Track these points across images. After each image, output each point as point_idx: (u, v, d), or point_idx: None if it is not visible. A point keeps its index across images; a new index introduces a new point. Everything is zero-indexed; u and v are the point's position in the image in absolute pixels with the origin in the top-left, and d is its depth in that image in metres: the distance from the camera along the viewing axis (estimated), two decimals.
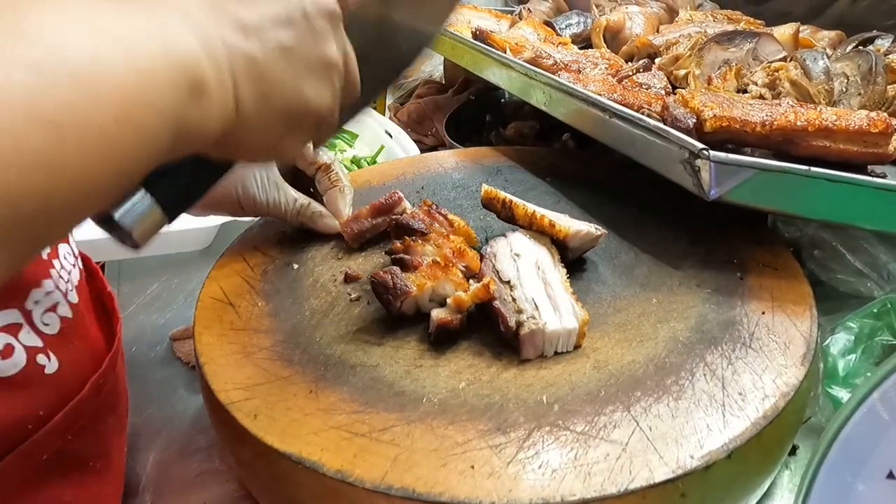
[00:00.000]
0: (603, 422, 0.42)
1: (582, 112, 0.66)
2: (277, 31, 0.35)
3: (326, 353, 0.51)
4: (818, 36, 0.89)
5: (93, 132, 0.25)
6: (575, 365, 0.48)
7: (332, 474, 0.40)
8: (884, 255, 0.62)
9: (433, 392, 0.46)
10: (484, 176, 0.76)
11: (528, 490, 0.38)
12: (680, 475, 0.39)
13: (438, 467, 0.40)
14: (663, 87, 0.75)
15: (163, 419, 0.63)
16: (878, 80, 0.66)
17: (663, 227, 0.64)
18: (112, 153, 0.26)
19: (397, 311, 0.52)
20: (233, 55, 0.32)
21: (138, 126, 0.27)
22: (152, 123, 0.27)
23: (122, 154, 0.27)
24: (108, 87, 0.26)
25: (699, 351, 0.48)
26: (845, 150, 0.57)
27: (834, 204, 0.51)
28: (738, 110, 0.58)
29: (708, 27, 0.90)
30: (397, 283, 0.51)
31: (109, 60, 0.26)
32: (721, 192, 0.51)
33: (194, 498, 0.55)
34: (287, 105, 0.36)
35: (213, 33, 0.32)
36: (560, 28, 0.98)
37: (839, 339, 0.55)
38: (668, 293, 0.54)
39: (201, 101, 0.30)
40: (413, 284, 0.51)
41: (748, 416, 0.42)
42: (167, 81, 0.28)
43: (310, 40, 0.36)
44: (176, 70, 0.29)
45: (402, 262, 0.54)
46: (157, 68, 0.28)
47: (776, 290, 0.54)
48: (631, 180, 0.71)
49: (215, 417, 0.49)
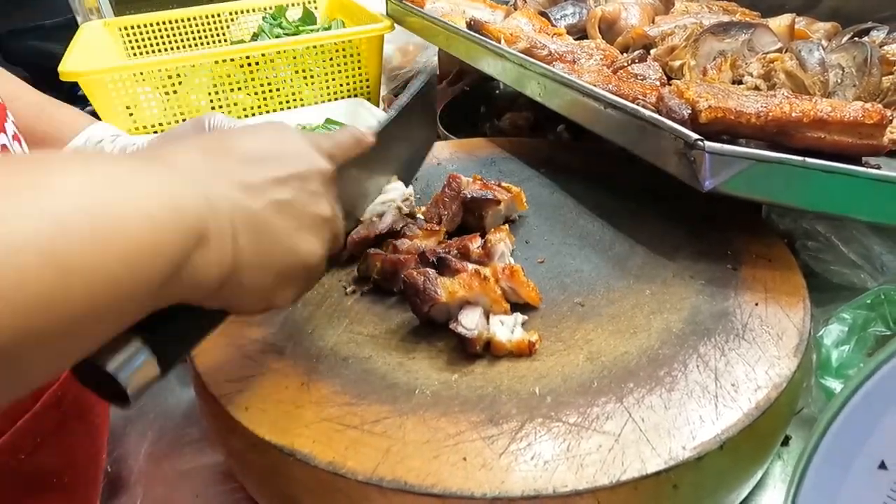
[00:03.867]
0: (595, 413, 0.42)
1: (577, 103, 0.66)
2: (276, 191, 0.38)
3: (319, 345, 0.50)
4: (814, 27, 0.89)
5: (100, 276, 0.27)
6: (568, 356, 0.47)
7: (324, 466, 0.40)
8: (877, 246, 0.62)
9: (426, 384, 0.46)
10: (478, 167, 0.76)
11: (521, 481, 0.38)
12: (672, 466, 0.39)
13: (430, 459, 0.40)
14: (658, 78, 0.75)
15: (155, 412, 0.63)
16: (873, 71, 0.66)
17: (658, 218, 0.63)
18: (117, 295, 0.28)
19: (425, 315, 0.49)
20: (234, 209, 0.36)
21: (145, 270, 0.29)
22: (157, 268, 0.30)
23: (126, 296, 0.29)
24: (120, 236, 0.28)
25: (692, 342, 0.48)
26: (840, 142, 0.57)
27: (828, 195, 0.51)
28: (733, 101, 0.57)
29: (703, 18, 0.89)
30: (427, 286, 0.48)
31: (125, 214, 0.28)
32: (716, 182, 0.51)
33: (186, 490, 0.55)
34: (281, 257, 0.39)
35: (217, 193, 0.35)
36: (555, 18, 0.98)
37: (832, 330, 0.55)
38: (662, 285, 0.54)
39: (203, 250, 0.33)
40: (444, 291, 0.49)
41: (741, 407, 0.42)
42: (174, 230, 0.31)
43: (305, 199, 0.40)
44: (182, 220, 0.31)
45: (443, 263, 0.51)
46: (167, 218, 0.30)
47: (770, 282, 0.54)
48: (625, 171, 0.71)
49: (207, 410, 0.49)
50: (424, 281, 0.49)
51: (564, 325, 0.51)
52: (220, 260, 0.34)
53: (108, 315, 0.28)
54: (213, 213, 0.34)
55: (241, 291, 0.37)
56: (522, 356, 0.47)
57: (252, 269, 0.37)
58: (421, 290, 0.49)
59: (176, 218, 0.31)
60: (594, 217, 0.65)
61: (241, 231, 0.36)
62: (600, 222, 0.64)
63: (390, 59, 1.27)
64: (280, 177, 0.39)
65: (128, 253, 0.28)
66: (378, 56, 1.13)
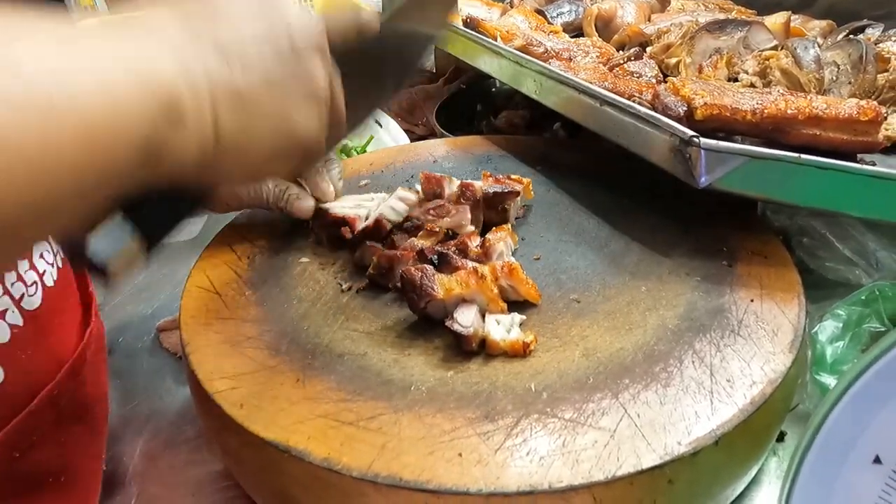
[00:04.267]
0: (591, 409, 0.42)
1: (573, 100, 0.66)
2: (260, 56, 0.34)
3: (314, 341, 0.50)
4: (809, 25, 0.89)
5: (52, 158, 0.25)
6: (563, 353, 0.47)
7: (319, 462, 0.40)
8: (872, 242, 0.62)
9: (421, 380, 0.46)
10: (474, 165, 0.76)
11: (516, 477, 0.38)
12: (667, 461, 0.39)
13: (426, 455, 0.40)
14: (654, 76, 0.75)
15: (150, 410, 0.62)
16: (868, 68, 0.66)
17: (653, 215, 0.63)
18: (73, 178, 0.26)
19: (421, 311, 0.49)
20: (213, 82, 0.31)
21: (104, 153, 0.26)
22: (121, 150, 0.27)
23: (84, 179, 0.26)
24: (74, 117, 0.25)
25: (688, 338, 0.48)
26: (835, 139, 0.57)
27: (824, 191, 0.51)
28: (728, 98, 0.57)
29: (699, 16, 0.90)
30: (424, 282, 0.48)
31: (79, 92, 0.26)
32: (711, 179, 0.51)
33: (182, 489, 0.55)
34: (271, 133, 0.35)
35: (192, 58, 0.31)
36: (551, 16, 0.98)
37: (827, 326, 0.55)
38: (658, 281, 0.54)
39: (178, 129, 0.29)
40: (441, 288, 0.48)
41: (736, 402, 0.42)
42: (138, 110, 0.27)
43: (295, 68, 0.35)
44: (149, 98, 0.28)
45: (443, 259, 0.51)
46: (129, 97, 0.27)
47: (765, 278, 0.54)
48: (621, 168, 0.71)
49: (202, 407, 0.49)
50: (422, 277, 0.49)
51: (560, 321, 0.51)
52: (198, 139, 0.31)
53: (70, 196, 0.26)
54: (187, 87, 0.30)
55: (227, 168, 0.34)
56: (517, 356, 0.47)
57: (237, 146, 0.33)
58: (418, 286, 0.48)
59: (139, 97, 0.28)
60: (590, 214, 0.65)
61: (223, 107, 0.32)
62: (596, 219, 0.64)
63: None
64: (261, 35, 0.34)
65: (81, 135, 0.25)
66: None
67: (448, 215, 0.59)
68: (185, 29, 0.32)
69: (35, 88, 0.24)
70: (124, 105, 0.27)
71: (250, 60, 0.33)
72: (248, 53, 0.33)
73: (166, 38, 0.31)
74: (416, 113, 1.11)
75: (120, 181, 0.28)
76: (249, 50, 0.33)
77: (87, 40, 0.28)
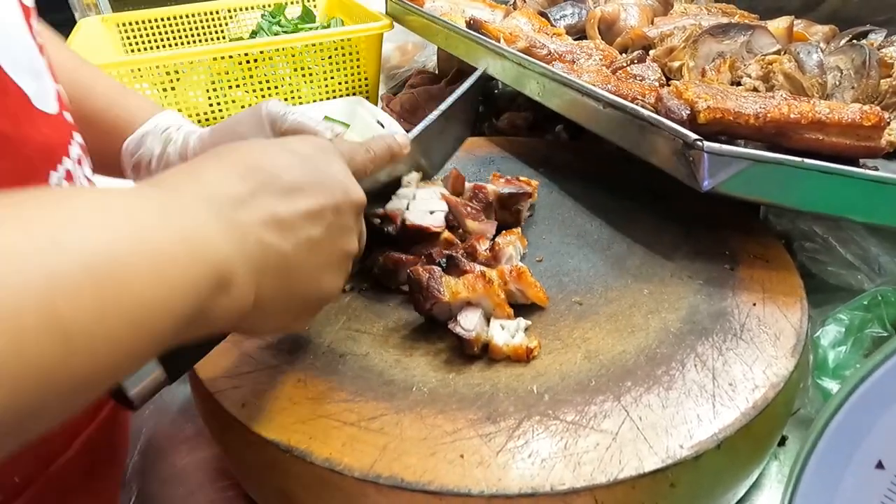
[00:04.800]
0: (593, 411, 0.42)
1: (576, 102, 0.66)
2: (309, 227, 0.36)
3: (316, 341, 0.50)
4: (812, 30, 0.89)
5: (104, 342, 0.24)
6: (566, 355, 0.47)
7: (321, 463, 0.40)
8: (875, 247, 0.62)
9: (423, 381, 0.46)
10: (476, 166, 0.76)
11: (518, 479, 0.38)
12: (669, 465, 0.39)
13: (427, 456, 0.40)
14: (657, 79, 0.75)
15: (150, 408, 0.62)
16: (871, 73, 0.66)
17: (655, 218, 0.63)
18: (119, 358, 0.25)
19: (427, 312, 0.49)
20: (266, 255, 0.33)
21: (152, 331, 0.26)
22: (168, 322, 0.27)
23: (131, 357, 0.26)
24: (128, 298, 0.25)
25: (690, 342, 0.48)
26: (838, 144, 0.57)
27: (826, 196, 0.51)
28: (731, 102, 0.57)
29: (702, 20, 0.90)
30: (431, 284, 0.48)
31: (132, 271, 0.25)
32: (714, 183, 0.51)
33: (181, 487, 0.55)
34: (304, 294, 0.37)
35: (247, 230, 0.32)
36: (554, 19, 0.98)
37: (829, 330, 0.55)
38: (660, 284, 0.54)
39: (224, 297, 0.30)
40: (447, 290, 0.48)
41: (738, 406, 0.42)
42: (191, 285, 0.28)
43: (336, 235, 0.38)
44: (202, 271, 0.28)
45: (452, 262, 0.51)
46: (183, 274, 0.27)
47: (767, 282, 0.54)
48: (624, 171, 0.71)
49: (203, 406, 0.49)
50: (429, 278, 0.49)
51: (562, 323, 0.51)
52: (241, 305, 0.32)
53: (112, 374, 0.26)
54: (240, 258, 0.31)
55: (259, 324, 0.36)
56: (520, 361, 0.47)
57: (273, 307, 0.35)
58: (424, 288, 0.49)
59: (193, 272, 0.28)
60: (592, 216, 0.65)
61: (269, 274, 0.34)
62: (598, 222, 0.64)
63: (389, 58, 1.27)
64: (315, 210, 0.36)
65: (134, 316, 0.25)
66: (377, 55, 1.13)
67: (478, 220, 0.59)
68: (240, 195, 0.33)
69: (84, 264, 0.24)
70: (179, 283, 0.27)
71: (302, 234, 0.35)
72: (301, 227, 0.35)
73: (220, 208, 0.31)
74: (419, 114, 1.11)
75: (161, 348, 0.28)
76: (303, 224, 0.35)
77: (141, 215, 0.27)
